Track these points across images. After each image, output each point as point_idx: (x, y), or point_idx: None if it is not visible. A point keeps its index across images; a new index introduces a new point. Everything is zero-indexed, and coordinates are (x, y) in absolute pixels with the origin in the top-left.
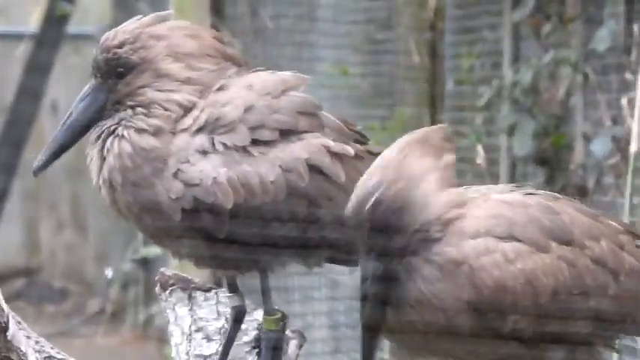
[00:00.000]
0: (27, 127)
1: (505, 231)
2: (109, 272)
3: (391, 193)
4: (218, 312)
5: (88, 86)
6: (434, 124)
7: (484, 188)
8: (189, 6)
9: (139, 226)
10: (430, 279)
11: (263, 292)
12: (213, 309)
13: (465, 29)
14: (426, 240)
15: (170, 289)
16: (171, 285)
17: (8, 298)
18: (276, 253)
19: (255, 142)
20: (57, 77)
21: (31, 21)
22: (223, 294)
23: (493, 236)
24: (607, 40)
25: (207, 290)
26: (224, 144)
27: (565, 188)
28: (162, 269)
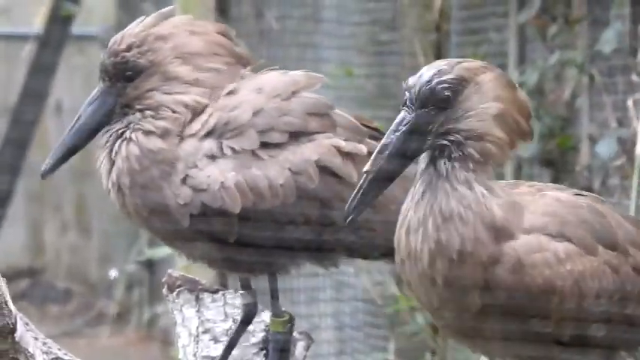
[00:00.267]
0: (31, 128)
1: (558, 230)
2: (114, 273)
3: (457, 75)
4: (225, 313)
5: (97, 90)
6: None
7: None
8: (194, 7)
9: (150, 230)
10: (459, 198)
11: (271, 294)
12: (220, 310)
13: (471, 30)
14: (463, 145)
15: (177, 290)
16: (179, 286)
17: (12, 299)
18: (290, 256)
19: (264, 145)
20: (61, 78)
21: (36, 22)
22: (230, 295)
23: (546, 234)
24: (613, 41)
25: (215, 292)
26: (232, 148)
27: None
28: (169, 270)
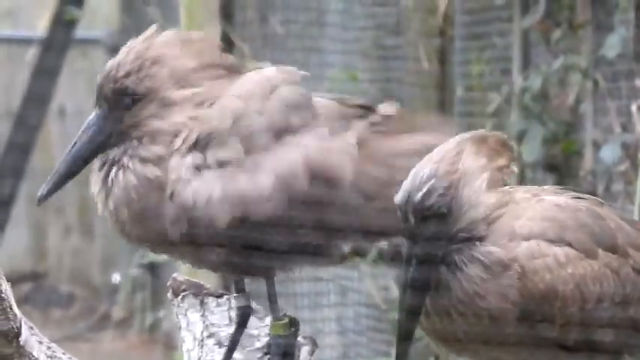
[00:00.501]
0: (34, 132)
1: (557, 235)
2: (117, 277)
3: (444, 185)
4: (230, 318)
5: (93, 116)
6: None
7: (534, 188)
8: (198, 12)
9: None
10: (475, 279)
11: (269, 298)
12: (225, 315)
13: (475, 35)
14: (471, 239)
15: (182, 294)
16: (184, 291)
17: (16, 303)
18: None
19: (248, 152)
20: (64, 81)
21: (39, 25)
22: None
23: (545, 239)
24: (617, 46)
25: (220, 296)
26: (216, 160)
27: None
28: (174, 275)
